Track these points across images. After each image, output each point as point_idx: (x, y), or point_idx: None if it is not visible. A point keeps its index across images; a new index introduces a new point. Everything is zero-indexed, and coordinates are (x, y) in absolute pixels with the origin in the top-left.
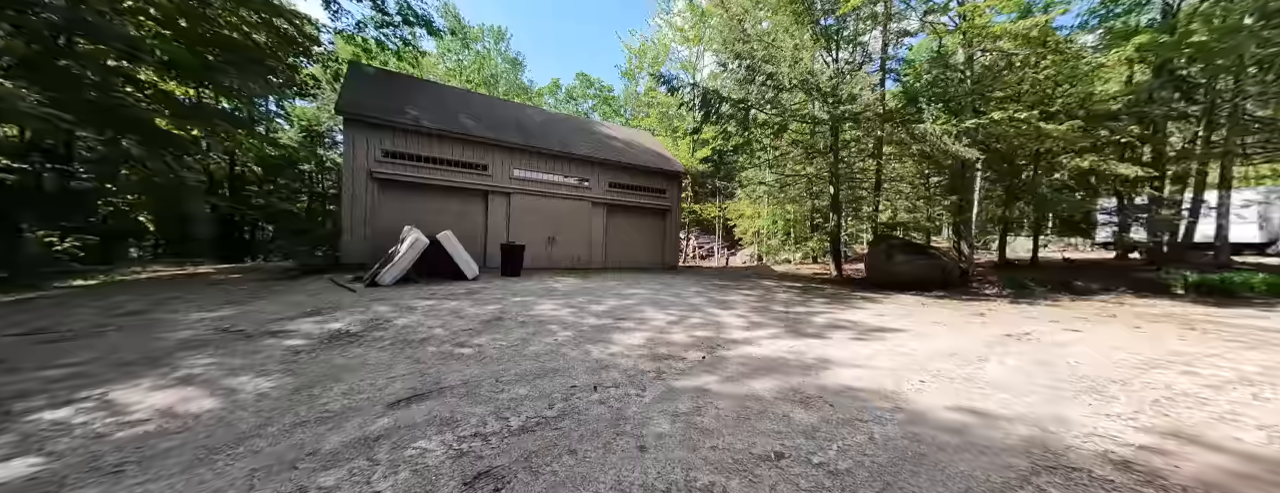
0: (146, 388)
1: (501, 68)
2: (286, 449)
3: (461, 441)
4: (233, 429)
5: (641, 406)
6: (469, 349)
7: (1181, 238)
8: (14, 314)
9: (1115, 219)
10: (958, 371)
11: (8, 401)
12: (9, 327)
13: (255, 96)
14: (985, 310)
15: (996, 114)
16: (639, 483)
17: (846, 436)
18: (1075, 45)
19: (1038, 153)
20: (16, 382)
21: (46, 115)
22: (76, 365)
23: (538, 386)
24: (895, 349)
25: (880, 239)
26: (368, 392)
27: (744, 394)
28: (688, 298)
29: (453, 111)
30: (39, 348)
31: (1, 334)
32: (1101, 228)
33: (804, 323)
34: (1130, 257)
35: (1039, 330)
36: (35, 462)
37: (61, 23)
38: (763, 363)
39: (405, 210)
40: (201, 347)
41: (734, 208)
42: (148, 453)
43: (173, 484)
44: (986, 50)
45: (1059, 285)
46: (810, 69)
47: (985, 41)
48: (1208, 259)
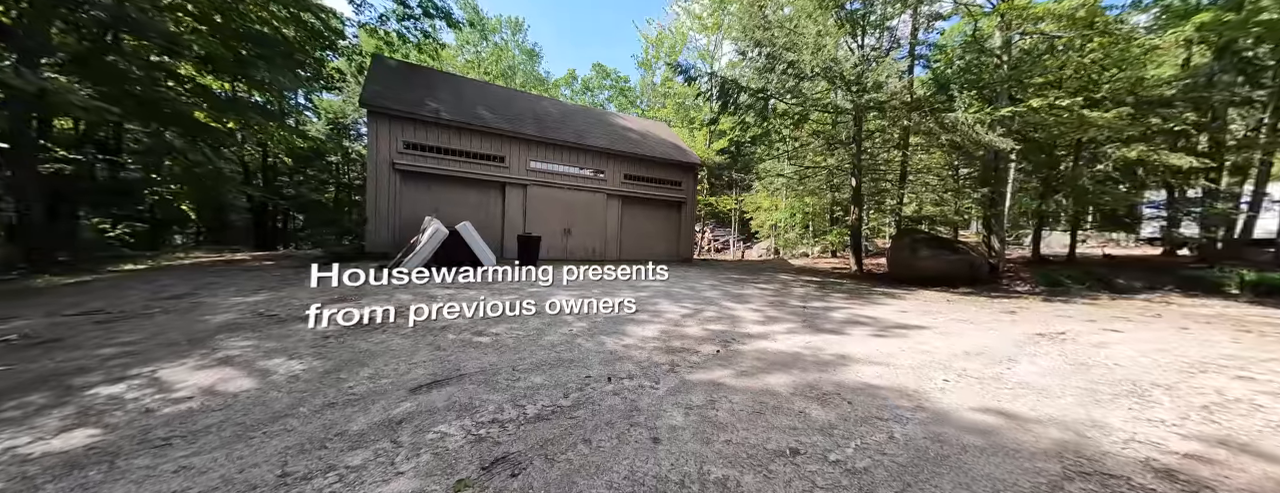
0: (190, 367)
1: (519, 59)
2: (317, 429)
3: (480, 426)
4: (268, 408)
5: (655, 398)
6: (487, 338)
7: (1238, 234)
8: (74, 295)
9: (1163, 213)
10: (984, 370)
11: (68, 376)
12: (69, 307)
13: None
14: (1016, 308)
15: (1035, 101)
16: (652, 474)
17: (865, 434)
18: (1126, 26)
19: (1079, 142)
20: (77, 359)
21: (97, 108)
22: (128, 345)
23: (553, 375)
24: (917, 347)
25: (904, 233)
26: (391, 376)
27: (759, 389)
28: (702, 291)
29: (471, 104)
30: (96, 328)
31: (62, 313)
32: (1147, 223)
33: (821, 318)
34: (1179, 254)
35: (1074, 330)
36: (93, 433)
37: (108, 19)
38: (778, 358)
39: (426, 201)
40: (239, 330)
41: (750, 200)
42: (192, 428)
43: (214, 458)
44: (1026, 33)
45: (1098, 283)
46: (834, 56)
47: (1025, 24)
48: (1268, 256)
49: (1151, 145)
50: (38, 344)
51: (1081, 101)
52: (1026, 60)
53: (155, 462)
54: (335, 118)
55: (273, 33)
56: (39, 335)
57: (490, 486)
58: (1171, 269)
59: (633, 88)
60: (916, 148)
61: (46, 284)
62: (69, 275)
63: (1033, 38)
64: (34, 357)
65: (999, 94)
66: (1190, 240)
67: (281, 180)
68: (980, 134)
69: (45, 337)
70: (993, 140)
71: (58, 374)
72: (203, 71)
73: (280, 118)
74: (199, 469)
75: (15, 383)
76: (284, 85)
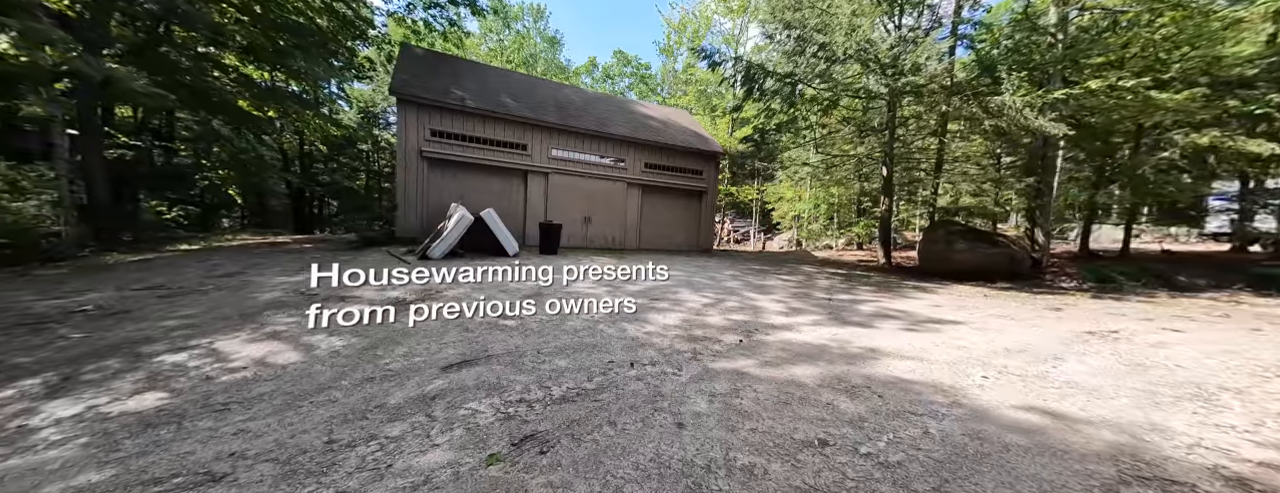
0: (243, 340)
1: (540, 47)
2: (358, 401)
3: (508, 405)
4: (313, 380)
5: (678, 384)
6: (512, 321)
7: None
8: (139, 272)
9: (1234, 206)
10: (1028, 368)
11: (137, 344)
12: (134, 282)
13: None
14: (1061, 305)
15: (1094, 83)
16: (678, 458)
17: (898, 428)
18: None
19: (1139, 128)
20: (144, 329)
21: (156, 94)
22: (188, 318)
23: (577, 359)
24: (953, 342)
25: (939, 225)
26: (424, 355)
27: (784, 380)
28: (723, 281)
29: (495, 91)
30: (159, 301)
31: (130, 288)
32: (1215, 216)
33: (848, 311)
34: (1250, 250)
35: (1129, 328)
36: (161, 397)
37: (160, 11)
38: (804, 350)
39: (451, 188)
40: (284, 307)
41: (773, 190)
42: (247, 396)
43: (268, 424)
44: (1085, 8)
45: (1155, 280)
46: (869, 38)
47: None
48: None
49: (1227, 131)
50: (110, 315)
51: (1148, 82)
52: (1084, 38)
53: (217, 424)
54: (366, 107)
55: (308, 23)
56: (111, 307)
57: (520, 461)
58: (1242, 267)
59: (654, 75)
60: (954, 135)
61: (115, 261)
62: (133, 254)
63: (1093, 13)
64: (108, 326)
65: (1052, 76)
66: (1265, 236)
67: (316, 167)
68: (1030, 119)
69: (116, 308)
70: (1044, 125)
71: (129, 342)
72: (245, 62)
73: (315, 106)
74: (255, 433)
75: (93, 349)
76: (319, 75)
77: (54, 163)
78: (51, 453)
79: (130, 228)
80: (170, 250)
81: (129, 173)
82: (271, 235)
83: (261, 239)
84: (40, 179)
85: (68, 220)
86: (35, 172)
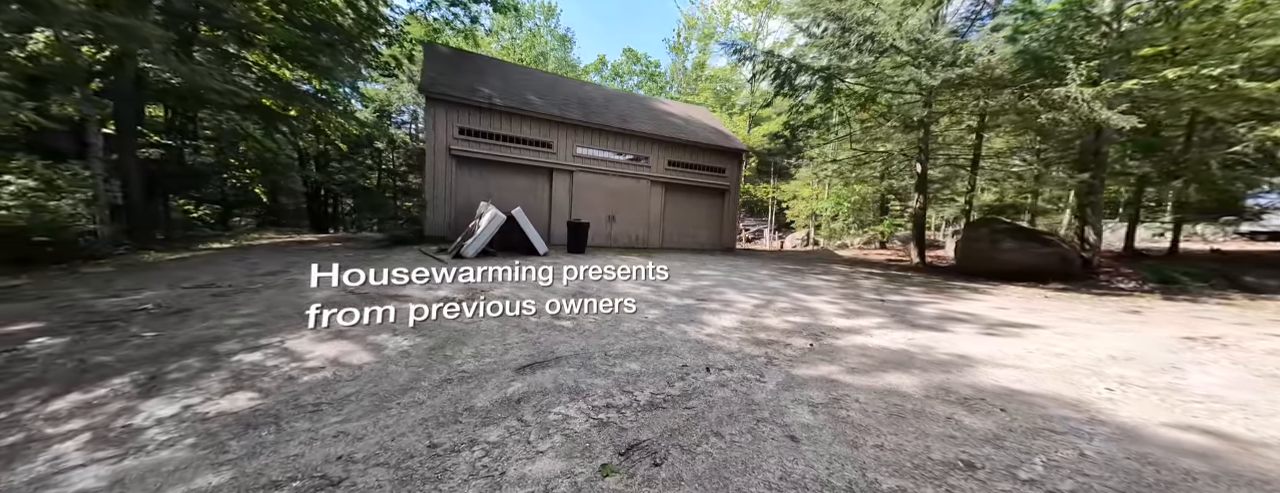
0: (310, 339)
1: (550, 45)
2: (445, 403)
3: (596, 410)
4: (392, 381)
5: (768, 392)
6: (568, 321)
7: None
8: (181, 270)
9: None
10: (1149, 379)
11: (209, 342)
12: (183, 280)
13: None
14: (1136, 308)
15: (1172, 72)
16: (811, 477)
17: (1048, 449)
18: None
19: (1192, 122)
20: (211, 327)
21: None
22: (249, 316)
23: (647, 362)
24: (1046, 349)
25: (981, 223)
26: (492, 355)
27: (882, 389)
28: (763, 281)
29: (519, 89)
30: (214, 300)
31: (181, 286)
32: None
33: (910, 313)
34: None
35: (1231, 334)
36: (252, 397)
37: (190, 8)
38: (887, 355)
39: (479, 186)
40: (340, 305)
41: (787, 189)
42: (334, 396)
43: (364, 426)
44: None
45: (1223, 280)
46: (920, 26)
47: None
48: None
49: None
50: (172, 313)
51: (1236, 70)
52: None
53: (314, 426)
54: (382, 105)
55: (330, 20)
56: (170, 306)
57: (636, 473)
58: None
59: (663, 73)
60: (995, 130)
61: (155, 260)
62: (169, 252)
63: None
64: (174, 325)
65: (1105, 68)
66: None
67: (332, 166)
68: (1097, 111)
69: (176, 307)
70: (1112, 118)
71: (201, 341)
72: (270, 60)
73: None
74: (355, 435)
75: (169, 347)
76: (341, 75)
77: (89, 162)
78: (164, 454)
79: (161, 226)
80: (204, 249)
81: (160, 172)
82: (294, 234)
83: (288, 238)
84: (74, 178)
85: (102, 219)
86: (70, 171)
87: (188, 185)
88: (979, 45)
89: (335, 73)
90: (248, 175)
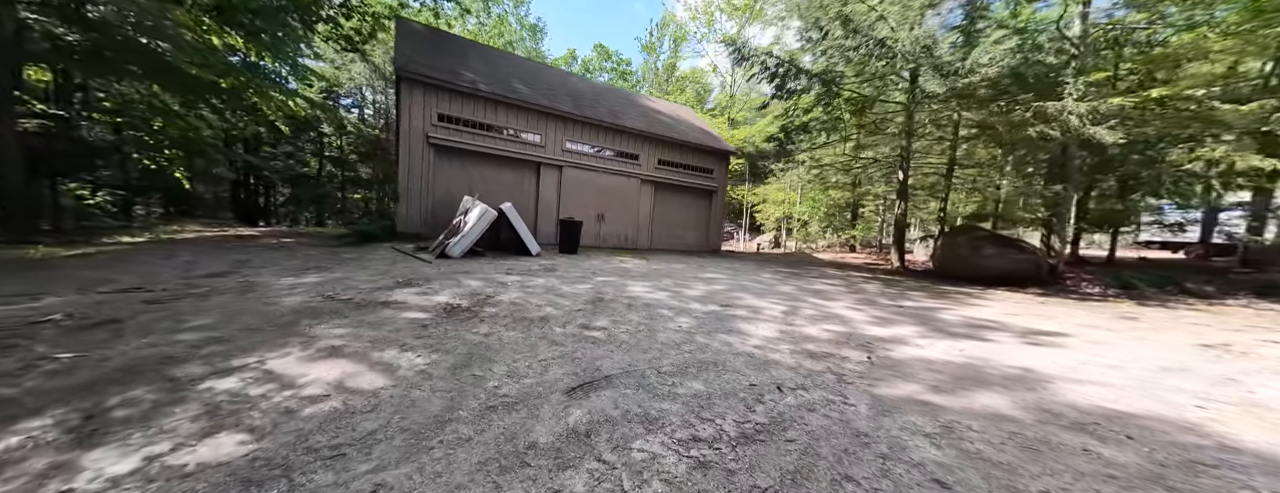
0: (299, 359)
1: (519, 33)
2: (499, 439)
3: (683, 445)
4: (423, 411)
5: (866, 419)
6: (597, 332)
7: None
8: (87, 270)
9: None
10: (1222, 392)
11: (160, 365)
12: (96, 283)
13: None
14: (1124, 313)
15: (1157, 91)
16: None
17: (1223, 489)
18: None
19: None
20: (156, 345)
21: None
22: (204, 329)
23: (709, 381)
24: (1093, 359)
25: (960, 230)
26: (531, 375)
27: (983, 412)
28: (773, 285)
29: (506, 76)
30: (151, 308)
31: (97, 291)
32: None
33: (935, 320)
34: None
35: (1236, 341)
36: (243, 439)
37: None
38: (953, 370)
39: (460, 179)
40: (320, 315)
41: (758, 193)
42: (354, 435)
43: (408, 476)
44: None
45: (1173, 285)
46: (931, 33)
47: None
48: None
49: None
50: (94, 326)
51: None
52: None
53: (341, 478)
54: (330, 85)
55: None
56: (88, 316)
57: None
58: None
59: (634, 71)
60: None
61: (45, 256)
62: (65, 247)
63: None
64: (103, 342)
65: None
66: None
67: (265, 151)
68: (1085, 126)
69: (98, 318)
70: (1099, 133)
71: (146, 363)
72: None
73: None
74: (402, 490)
75: (103, 373)
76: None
77: None
78: None
79: (48, 215)
80: (111, 243)
81: (46, 149)
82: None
83: (220, 232)
84: None
85: None
86: None
87: (81, 166)
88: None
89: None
90: (167, 157)
